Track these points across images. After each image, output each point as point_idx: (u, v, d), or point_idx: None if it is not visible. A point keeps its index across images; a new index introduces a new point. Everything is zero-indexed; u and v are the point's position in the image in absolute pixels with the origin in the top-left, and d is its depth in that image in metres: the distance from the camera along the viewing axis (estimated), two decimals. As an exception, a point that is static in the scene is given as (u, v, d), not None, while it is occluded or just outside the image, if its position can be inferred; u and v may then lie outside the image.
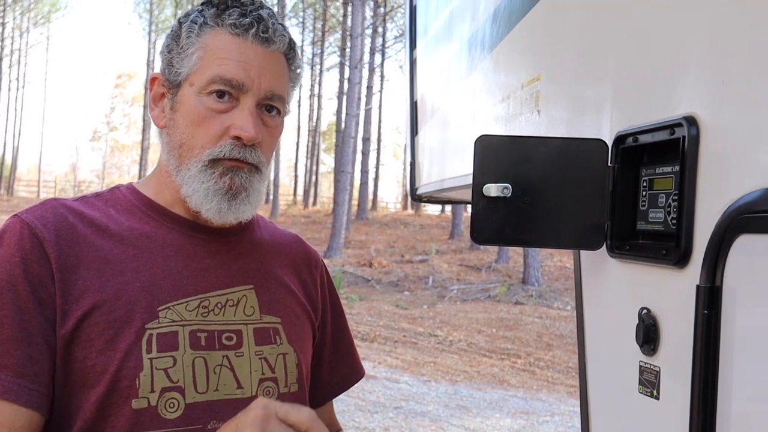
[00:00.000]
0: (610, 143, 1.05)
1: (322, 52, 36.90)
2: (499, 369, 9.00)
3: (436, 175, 2.95)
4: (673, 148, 0.89)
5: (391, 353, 9.43)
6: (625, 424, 1.07)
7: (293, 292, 1.32)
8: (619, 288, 1.08)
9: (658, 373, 0.93)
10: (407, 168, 3.70)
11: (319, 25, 36.99)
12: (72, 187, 52.36)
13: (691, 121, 0.86)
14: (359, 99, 22.45)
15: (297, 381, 1.25)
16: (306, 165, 39.80)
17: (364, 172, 27.15)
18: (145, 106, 37.16)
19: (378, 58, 32.93)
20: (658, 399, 0.93)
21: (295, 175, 42.67)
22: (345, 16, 28.82)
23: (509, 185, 1.05)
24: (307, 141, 39.65)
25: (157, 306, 1.14)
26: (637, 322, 0.96)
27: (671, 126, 0.90)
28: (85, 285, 1.11)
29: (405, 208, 38.68)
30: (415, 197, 3.54)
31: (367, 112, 27.12)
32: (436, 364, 9.01)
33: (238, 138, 1.16)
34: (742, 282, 0.76)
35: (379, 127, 38.42)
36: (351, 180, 21.33)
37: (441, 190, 2.82)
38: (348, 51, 21.86)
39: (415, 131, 3.59)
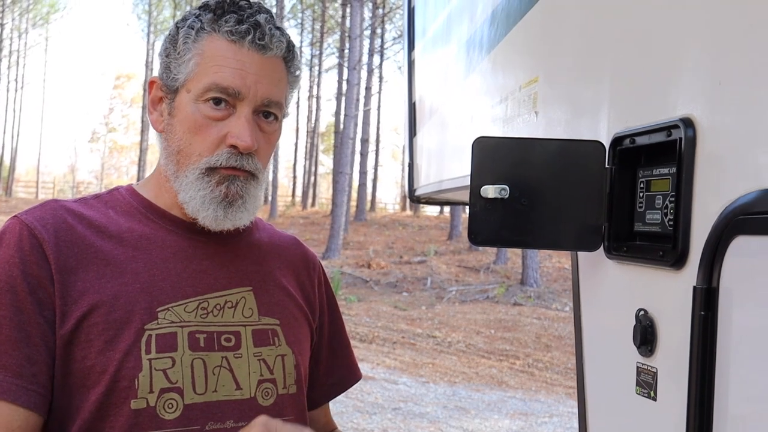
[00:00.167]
0: (607, 145, 1.05)
1: (321, 54, 36.92)
2: (497, 370, 9.00)
3: (434, 177, 2.95)
4: (670, 150, 0.90)
5: (389, 354, 9.43)
6: (623, 425, 1.07)
7: (291, 293, 1.32)
8: (616, 289, 1.08)
9: (655, 374, 0.93)
10: (405, 169, 3.70)
11: (317, 26, 37.00)
12: (70, 188, 52.33)
13: (687, 123, 0.86)
14: (358, 100, 22.45)
15: (295, 382, 1.25)
16: (304, 166, 39.81)
17: (363, 173, 27.12)
18: (143, 108, 37.18)
19: (377, 59, 32.94)
20: (655, 400, 0.93)
21: (294, 176, 42.69)
22: (344, 17, 28.83)
23: (507, 186, 1.05)
24: (306, 142, 39.66)
25: (156, 307, 1.14)
26: (634, 323, 0.96)
27: (668, 128, 0.90)
28: (84, 286, 1.11)
29: (403, 209, 38.65)
30: (414, 198, 3.55)
31: (366, 114, 27.12)
32: (435, 365, 9.01)
33: (234, 146, 1.15)
34: (738, 283, 0.76)
35: (377, 128, 38.42)
36: (349, 181, 21.34)
37: (439, 192, 2.83)
38: (347, 52, 21.85)
39: (413, 132, 3.60)
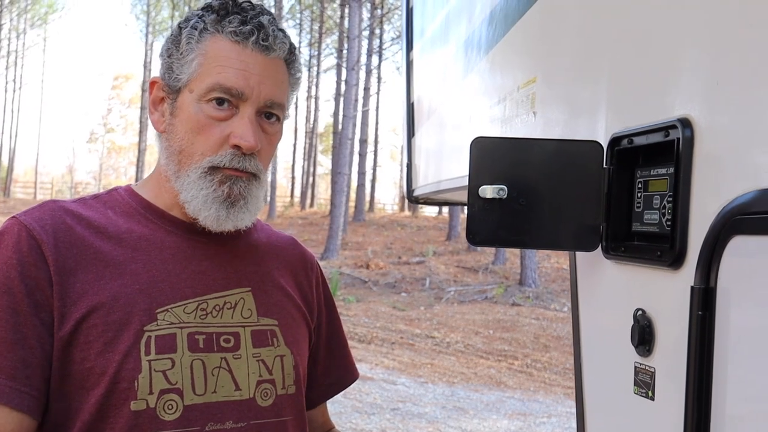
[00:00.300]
0: (605, 145, 1.05)
1: (319, 54, 36.91)
2: (496, 370, 9.00)
3: (432, 177, 2.96)
4: (668, 150, 0.90)
5: (388, 355, 9.43)
6: (621, 425, 1.07)
7: (290, 294, 1.32)
8: (614, 289, 1.08)
9: (653, 373, 0.93)
10: (404, 169, 3.70)
11: (316, 26, 36.98)
12: (69, 188, 52.28)
13: (685, 123, 0.86)
14: (356, 101, 22.46)
15: (294, 383, 1.25)
16: (303, 167, 39.80)
17: (361, 173, 27.09)
18: (142, 108, 37.12)
19: (375, 59, 32.92)
20: (653, 400, 0.93)
21: (292, 177, 42.65)
22: (342, 17, 28.81)
23: (505, 187, 1.05)
24: (304, 143, 39.64)
25: (156, 308, 1.14)
26: (632, 323, 0.97)
27: (666, 128, 0.90)
28: (83, 287, 1.11)
29: (402, 209, 38.64)
30: (412, 199, 3.55)
31: (364, 114, 27.13)
32: (433, 365, 9.01)
33: (237, 147, 1.16)
34: (736, 283, 0.76)
35: (376, 128, 38.41)
36: (348, 182, 21.33)
37: (437, 192, 2.83)
38: (345, 53, 21.84)
39: (411, 133, 3.60)
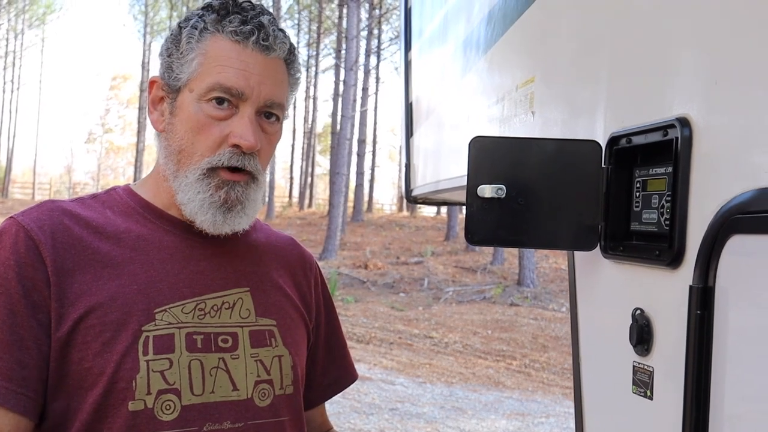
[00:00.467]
0: (603, 144, 1.05)
1: (318, 54, 36.91)
2: (494, 371, 9.00)
3: (431, 177, 2.95)
4: (666, 150, 0.90)
5: (386, 355, 9.43)
6: (619, 425, 1.07)
7: (288, 294, 1.32)
8: (612, 289, 1.08)
9: (652, 373, 0.93)
10: (402, 169, 3.70)
11: (314, 27, 36.99)
12: (67, 189, 52.22)
13: (683, 123, 0.86)
14: (354, 101, 22.48)
15: (292, 383, 1.25)
16: (301, 167, 39.80)
17: (360, 173, 27.10)
18: (140, 108, 37.09)
19: (373, 60, 32.93)
20: (651, 399, 0.93)
21: (291, 177, 42.60)
22: (340, 18, 28.83)
23: (503, 186, 1.05)
24: (303, 143, 39.65)
25: (154, 308, 1.14)
26: (630, 322, 0.97)
27: (664, 127, 0.90)
28: (81, 288, 1.11)
29: (400, 209, 38.65)
30: (410, 199, 3.55)
31: (363, 114, 27.15)
32: (432, 365, 9.01)
33: (237, 146, 1.16)
34: (734, 282, 0.76)
35: (374, 129, 38.42)
36: (346, 182, 21.32)
37: (436, 192, 2.83)
38: (343, 53, 21.85)
39: (410, 133, 3.60)
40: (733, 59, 0.79)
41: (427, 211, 34.59)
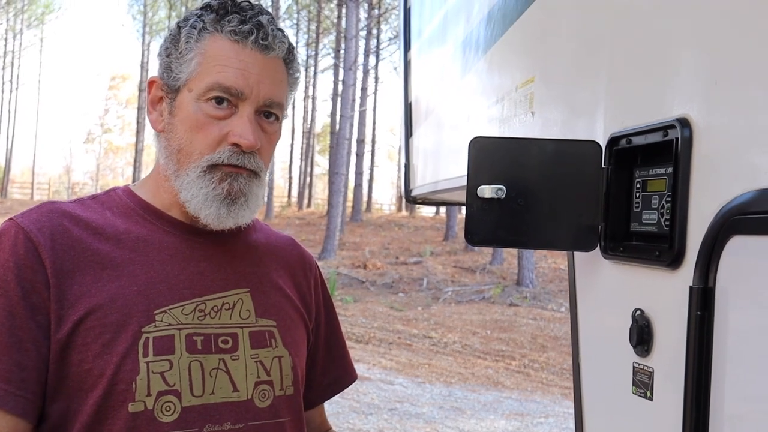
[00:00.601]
0: (603, 145, 1.05)
1: (317, 54, 36.90)
2: (493, 371, 9.01)
3: (430, 177, 2.95)
4: (666, 150, 0.90)
5: (385, 355, 9.43)
6: (619, 425, 1.07)
7: (288, 295, 1.32)
8: (612, 289, 1.08)
9: (652, 374, 0.93)
10: (402, 170, 3.70)
11: (313, 26, 36.96)
12: (66, 189, 52.19)
13: (684, 123, 0.86)
14: (353, 101, 22.46)
15: (292, 384, 1.25)
16: (300, 167, 39.77)
17: (359, 173, 27.11)
18: (139, 108, 37.06)
19: (372, 59, 32.92)
20: (651, 400, 0.93)
21: (290, 177, 42.59)
22: (339, 17, 28.84)
23: (503, 187, 1.05)
24: (302, 143, 39.62)
25: (154, 309, 1.14)
26: (630, 323, 0.97)
27: (664, 128, 0.90)
28: (80, 290, 1.11)
29: (399, 209, 38.63)
30: (410, 199, 3.54)
31: (362, 114, 27.13)
32: (431, 365, 9.01)
33: (236, 145, 1.16)
34: (734, 283, 0.76)
35: (373, 128, 38.44)
36: (345, 182, 21.32)
37: (435, 192, 2.83)
38: (342, 53, 21.84)
39: (409, 133, 3.59)
40: (733, 59, 0.79)
41: (426, 211, 34.60)
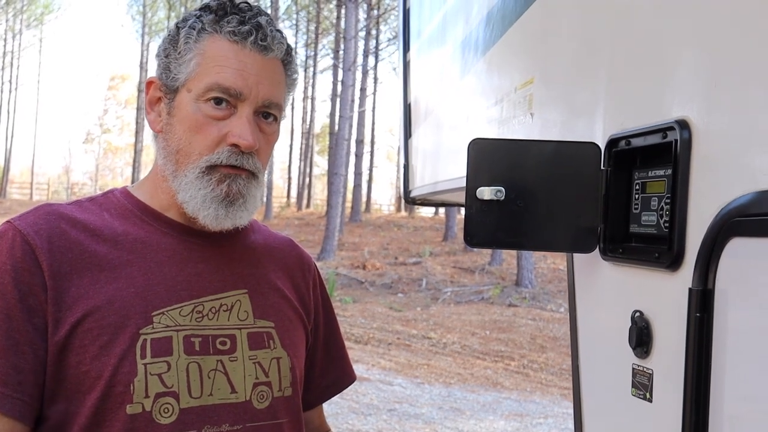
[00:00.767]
0: (603, 146, 1.05)
1: (316, 55, 36.91)
2: (492, 371, 9.01)
3: (429, 178, 2.95)
4: (666, 152, 0.90)
5: (384, 355, 9.42)
6: (619, 427, 1.07)
7: (286, 296, 1.32)
8: (612, 291, 1.08)
9: (651, 375, 0.93)
10: (401, 170, 3.70)
11: (312, 27, 36.96)
12: (65, 189, 52.17)
13: (683, 125, 0.86)
14: (353, 101, 22.45)
15: (291, 385, 1.25)
16: (299, 167, 39.78)
17: (358, 174, 27.11)
18: (138, 109, 37.01)
19: (371, 60, 32.95)
20: (651, 402, 0.93)
21: (289, 178, 42.60)
22: (338, 18, 28.84)
23: (502, 188, 1.05)
24: (301, 143, 39.61)
25: (152, 311, 1.13)
26: (630, 324, 0.97)
27: (663, 129, 0.90)
28: (78, 292, 1.11)
29: (398, 210, 38.63)
30: (409, 200, 3.54)
31: (361, 115, 27.13)
32: (430, 366, 9.01)
33: (235, 145, 1.15)
34: (734, 285, 0.76)
35: (372, 129, 38.45)
36: (344, 182, 21.33)
37: (434, 193, 2.83)
38: (341, 53, 21.86)
39: (408, 134, 3.60)
40: (732, 61, 0.79)
41: (425, 211, 34.59)
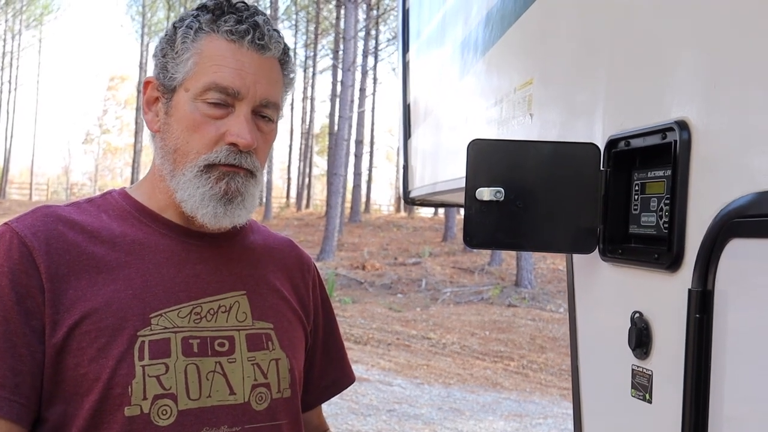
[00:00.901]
0: (602, 147, 1.05)
1: (315, 55, 36.93)
2: (492, 372, 9.01)
3: (428, 178, 2.95)
4: (665, 152, 0.90)
5: (384, 356, 9.42)
6: (618, 428, 1.07)
7: (285, 297, 1.31)
8: (611, 292, 1.08)
9: (651, 376, 0.93)
10: (400, 171, 3.70)
11: (312, 27, 36.95)
12: (64, 189, 52.17)
13: (682, 126, 0.86)
14: (352, 101, 22.45)
15: (290, 386, 1.24)
16: (299, 167, 39.78)
17: (357, 174, 27.12)
18: (137, 109, 36.98)
19: (371, 60, 32.96)
20: (650, 402, 0.93)
21: (288, 178, 42.60)
22: (338, 18, 28.83)
23: (502, 189, 1.05)
24: (300, 143, 39.60)
25: (150, 313, 1.13)
26: (629, 325, 0.96)
27: (663, 130, 0.90)
28: (76, 294, 1.10)
29: (398, 210, 38.64)
30: (408, 200, 3.54)
31: (360, 115, 27.13)
32: (429, 366, 9.01)
33: (234, 144, 1.15)
34: (733, 286, 0.76)
35: (372, 129, 38.47)
36: (344, 182, 21.34)
37: (434, 193, 2.83)
38: (341, 53, 21.86)
39: (408, 134, 3.60)
40: (732, 62, 0.79)
41: (425, 211, 34.58)
